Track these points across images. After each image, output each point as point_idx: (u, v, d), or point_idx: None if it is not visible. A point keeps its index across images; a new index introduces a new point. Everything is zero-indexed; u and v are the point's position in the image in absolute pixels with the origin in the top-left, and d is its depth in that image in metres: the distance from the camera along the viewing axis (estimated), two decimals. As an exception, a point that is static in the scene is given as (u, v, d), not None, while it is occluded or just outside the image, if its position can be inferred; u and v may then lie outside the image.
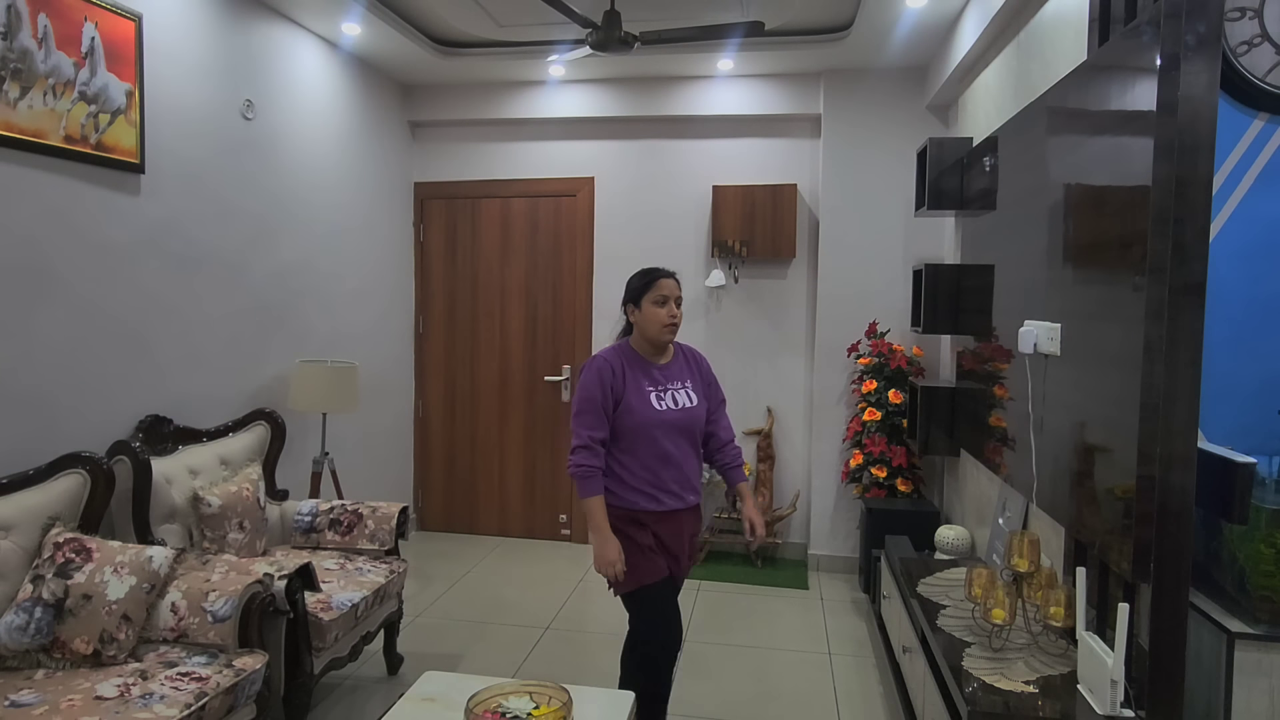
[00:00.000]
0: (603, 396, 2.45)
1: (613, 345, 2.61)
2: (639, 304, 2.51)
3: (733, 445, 2.73)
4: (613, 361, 2.50)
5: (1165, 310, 1.69)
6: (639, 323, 2.52)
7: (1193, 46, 1.66)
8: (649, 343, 2.54)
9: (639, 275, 2.55)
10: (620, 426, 2.47)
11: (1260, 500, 1.84)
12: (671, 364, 2.59)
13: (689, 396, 2.56)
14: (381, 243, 4.90)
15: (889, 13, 3.76)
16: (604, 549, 2.42)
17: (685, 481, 2.55)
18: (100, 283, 2.90)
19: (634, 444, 2.48)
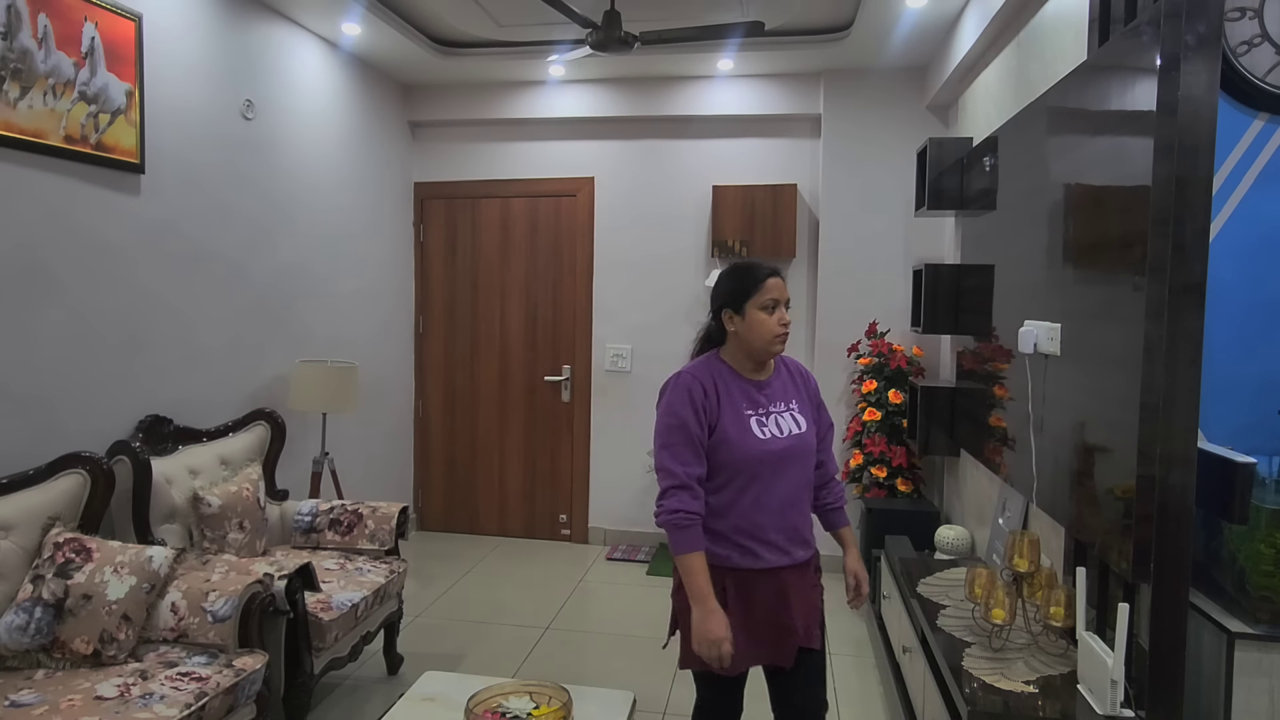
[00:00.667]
0: (696, 422, 1.97)
1: (699, 360, 2.11)
2: (742, 309, 2.01)
3: (837, 483, 2.24)
4: (702, 379, 2.02)
5: (1165, 310, 1.69)
6: (742, 333, 2.03)
7: (1193, 46, 1.66)
8: (751, 357, 2.06)
9: (737, 274, 2.06)
10: (713, 459, 1.99)
11: (1260, 500, 1.84)
12: (774, 381, 2.11)
13: (796, 421, 2.07)
14: (381, 243, 4.90)
15: (889, 13, 3.76)
16: (708, 624, 1.89)
17: (793, 531, 2.04)
18: (100, 283, 2.90)
19: (729, 482, 1.99)
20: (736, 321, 2.03)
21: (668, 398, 2.03)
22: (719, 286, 2.08)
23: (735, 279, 2.05)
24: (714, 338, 2.15)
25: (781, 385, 2.12)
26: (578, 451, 5.19)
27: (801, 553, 2.06)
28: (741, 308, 2.02)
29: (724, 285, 2.07)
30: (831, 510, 2.22)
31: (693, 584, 1.92)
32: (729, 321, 2.05)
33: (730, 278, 2.07)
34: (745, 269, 2.05)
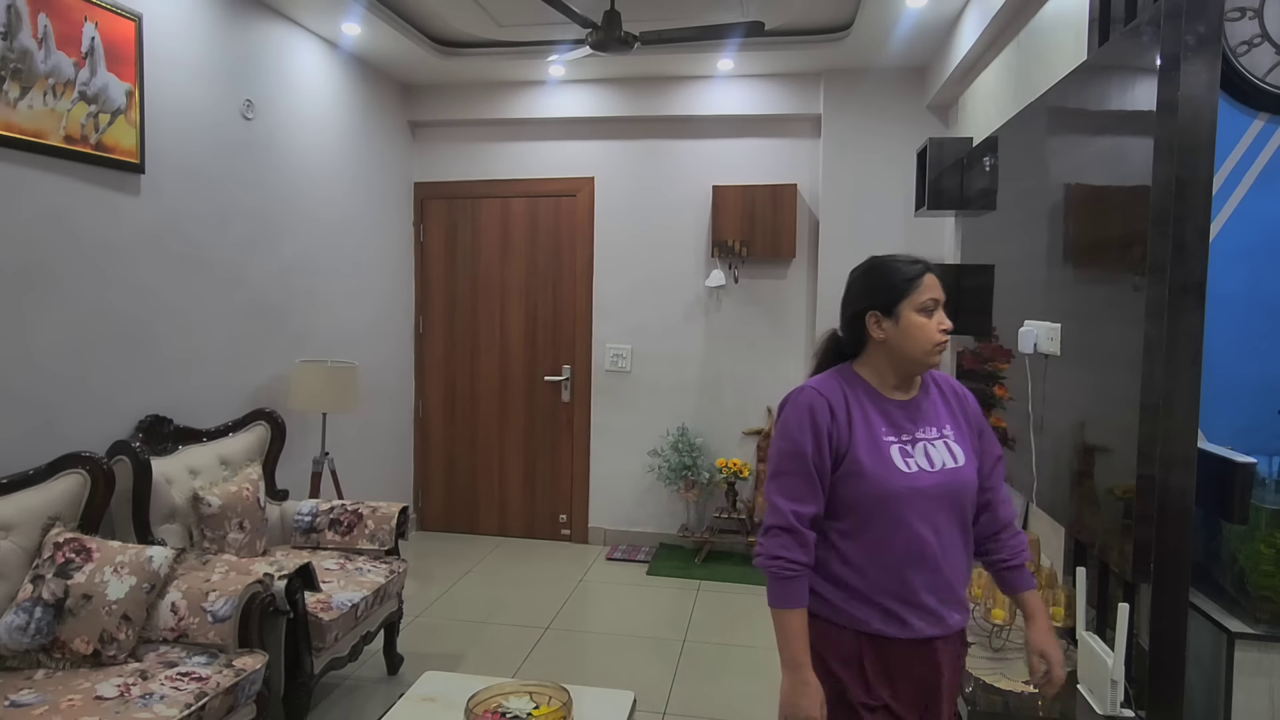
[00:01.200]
0: (815, 448, 1.61)
1: (827, 373, 1.73)
2: (894, 312, 1.63)
3: (1016, 532, 1.78)
4: (829, 395, 1.65)
5: (1165, 310, 1.69)
6: (894, 341, 1.64)
7: (1193, 46, 1.66)
8: (898, 370, 1.68)
9: (886, 270, 1.67)
10: (843, 496, 1.62)
11: (1260, 500, 1.84)
12: (922, 402, 1.71)
13: (951, 451, 1.67)
14: (381, 243, 4.90)
15: (889, 13, 3.76)
16: (798, 697, 1.57)
17: (947, 589, 1.63)
18: (100, 283, 2.90)
19: (865, 526, 1.61)
20: (886, 327, 1.64)
21: (785, 417, 1.66)
22: (858, 286, 1.71)
23: (883, 275, 1.67)
24: (843, 349, 1.76)
25: (932, 407, 1.71)
26: (578, 451, 5.19)
27: (958, 617, 1.65)
28: (894, 310, 1.63)
29: (868, 283, 1.69)
30: (1009, 569, 1.74)
31: (787, 647, 1.58)
32: (875, 327, 1.66)
33: (875, 274, 1.68)
34: (894, 264, 1.67)
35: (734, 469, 4.78)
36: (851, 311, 1.71)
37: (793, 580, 1.58)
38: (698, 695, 3.24)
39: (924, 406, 1.70)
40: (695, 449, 4.84)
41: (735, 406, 4.99)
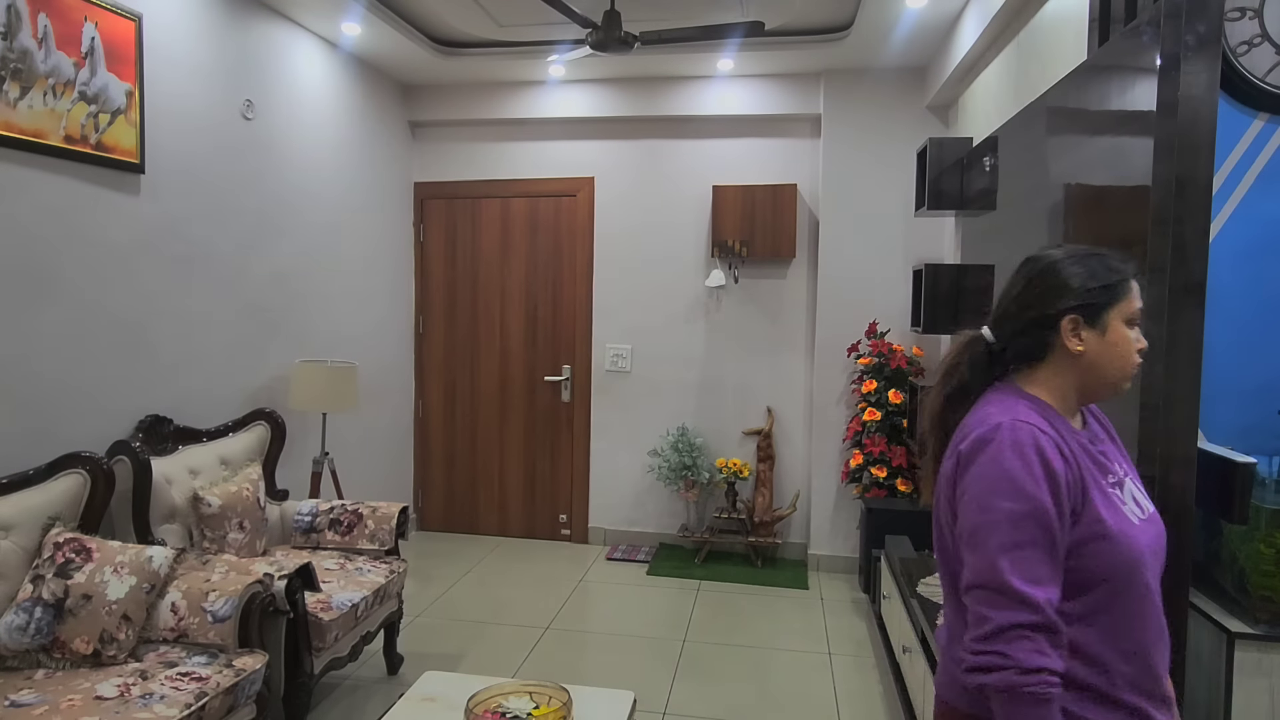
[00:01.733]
0: (1058, 508, 1.21)
1: (1016, 399, 1.33)
2: (1100, 320, 1.30)
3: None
4: (1055, 435, 1.26)
5: (1165, 310, 1.69)
6: (1095, 357, 1.31)
7: (1193, 46, 1.66)
8: (1084, 395, 1.35)
9: (1090, 265, 1.31)
10: (1083, 568, 1.23)
11: (1260, 500, 1.84)
12: (1097, 432, 1.40)
13: (1141, 495, 1.35)
14: (381, 243, 4.90)
15: (889, 13, 3.76)
16: None
17: (1167, 668, 1.30)
18: (100, 283, 2.90)
19: (1110, 602, 1.24)
20: (1089, 338, 1.30)
21: (1003, 464, 1.23)
22: (1054, 281, 1.32)
23: (1088, 274, 1.30)
24: (996, 364, 1.40)
25: (1103, 438, 1.40)
26: (578, 451, 5.19)
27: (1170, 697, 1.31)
28: (1101, 317, 1.29)
29: (1072, 280, 1.30)
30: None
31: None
32: (1073, 336, 1.30)
33: (1078, 271, 1.31)
34: (1106, 261, 1.32)
35: (734, 469, 4.77)
36: (1038, 313, 1.32)
37: (1052, 703, 1.14)
38: (698, 695, 3.24)
39: (1100, 438, 1.38)
40: (695, 449, 4.83)
41: (735, 406, 4.99)
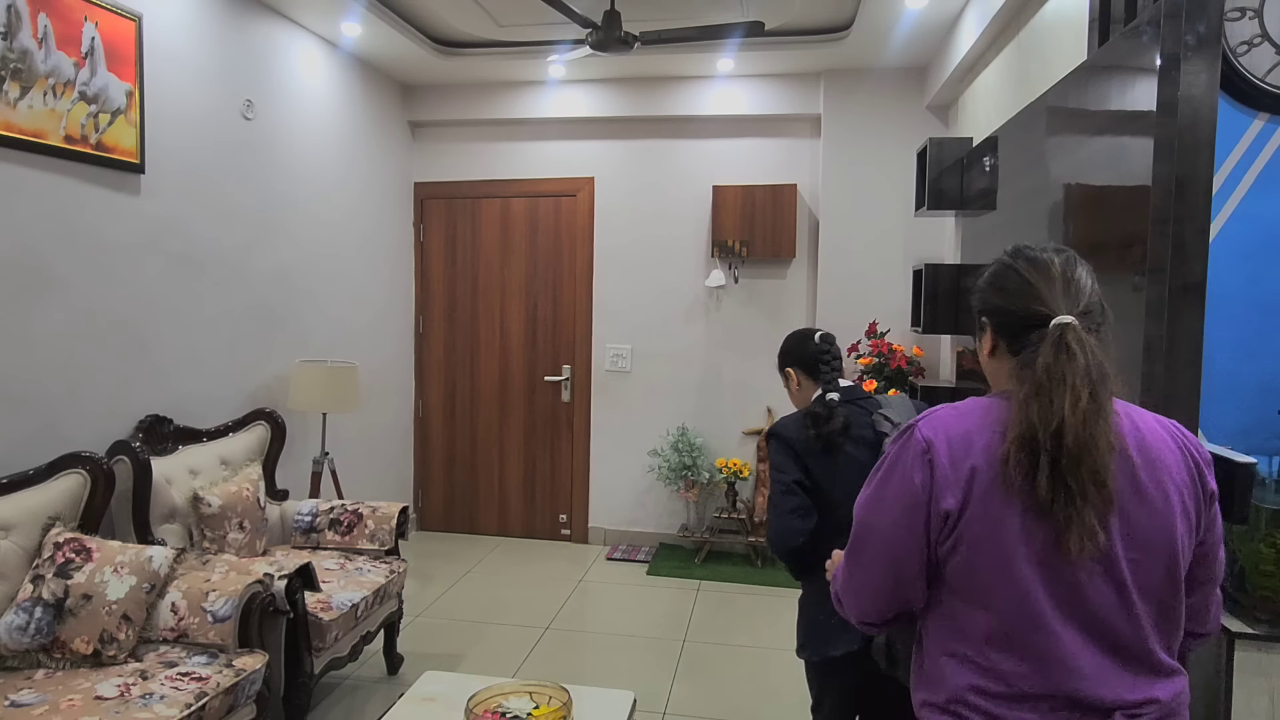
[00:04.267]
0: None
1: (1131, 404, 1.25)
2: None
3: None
4: None
5: (1165, 310, 1.69)
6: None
7: (1193, 46, 1.66)
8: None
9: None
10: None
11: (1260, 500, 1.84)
12: None
13: None
14: (381, 243, 4.90)
15: (889, 13, 3.76)
16: None
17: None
18: (100, 283, 2.90)
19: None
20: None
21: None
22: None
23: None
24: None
25: None
26: (578, 451, 5.19)
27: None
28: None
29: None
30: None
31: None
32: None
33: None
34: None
35: (734, 469, 4.77)
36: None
37: None
38: (698, 695, 3.24)
39: None
40: (695, 449, 4.83)
41: (735, 406, 4.98)
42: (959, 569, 1.17)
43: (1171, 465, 1.19)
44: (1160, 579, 1.16)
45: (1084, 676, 1.14)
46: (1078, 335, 1.17)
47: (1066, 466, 1.11)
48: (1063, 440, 1.11)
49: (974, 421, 1.19)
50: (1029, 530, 1.13)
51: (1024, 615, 1.14)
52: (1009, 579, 1.14)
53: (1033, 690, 1.14)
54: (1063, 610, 1.14)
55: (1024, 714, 1.15)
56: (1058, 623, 1.14)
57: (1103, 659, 1.15)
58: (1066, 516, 1.11)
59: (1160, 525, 1.16)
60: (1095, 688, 1.13)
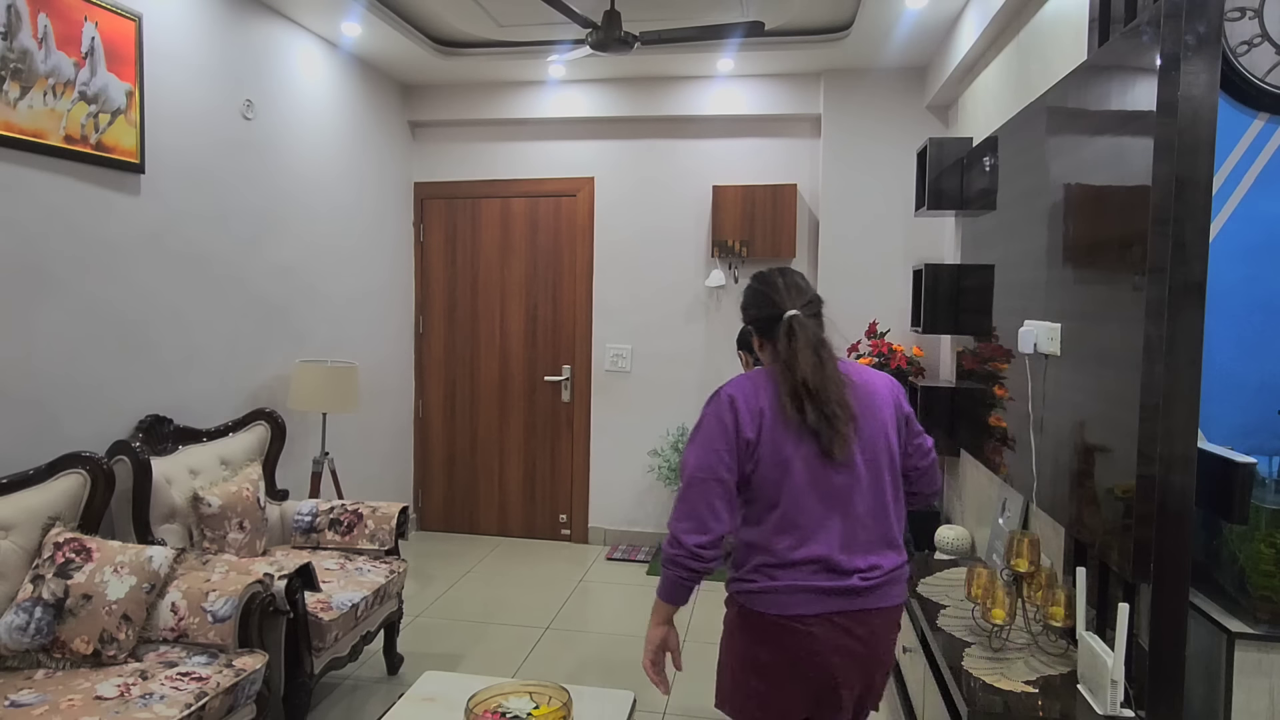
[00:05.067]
0: None
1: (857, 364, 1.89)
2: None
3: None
4: None
5: (1165, 310, 1.69)
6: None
7: (1193, 46, 1.66)
8: None
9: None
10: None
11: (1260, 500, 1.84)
12: None
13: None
14: (381, 243, 4.90)
15: (889, 13, 3.76)
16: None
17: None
18: (100, 283, 2.90)
19: None
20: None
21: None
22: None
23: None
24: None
25: None
26: (578, 451, 5.19)
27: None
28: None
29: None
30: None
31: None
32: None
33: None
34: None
35: (734, 469, 4.77)
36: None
37: None
38: (698, 695, 3.24)
39: None
40: (695, 449, 4.83)
41: (735, 406, 4.98)
42: (759, 481, 1.73)
43: (882, 395, 1.83)
44: (884, 471, 1.77)
45: (834, 547, 1.71)
46: (800, 320, 1.78)
47: (821, 401, 1.70)
48: (809, 386, 1.71)
49: (759, 383, 1.79)
50: (802, 448, 1.71)
51: (800, 507, 1.71)
52: (790, 482, 1.71)
53: (798, 558, 1.70)
54: (824, 502, 1.71)
55: (790, 574, 1.71)
56: (820, 510, 1.71)
57: (849, 532, 1.72)
58: (830, 434, 1.69)
59: (880, 434, 1.78)
60: (843, 553, 1.71)
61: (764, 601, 1.72)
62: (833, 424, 1.69)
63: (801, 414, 1.70)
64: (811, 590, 1.70)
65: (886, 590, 1.76)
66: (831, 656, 1.71)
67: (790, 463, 1.71)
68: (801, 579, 1.70)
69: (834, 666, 1.72)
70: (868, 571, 1.72)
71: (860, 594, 1.71)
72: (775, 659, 1.74)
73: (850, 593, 1.70)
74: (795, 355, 1.75)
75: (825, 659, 1.71)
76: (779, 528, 1.71)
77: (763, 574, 1.73)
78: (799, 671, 1.73)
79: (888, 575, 1.75)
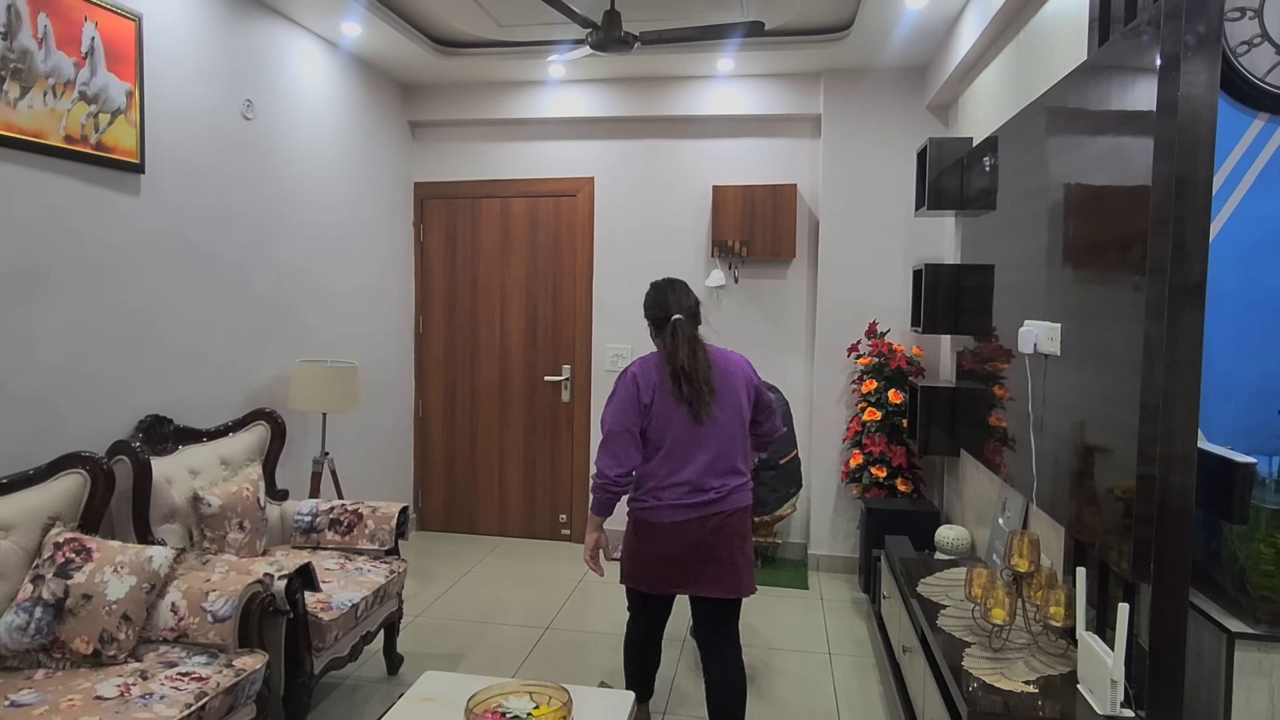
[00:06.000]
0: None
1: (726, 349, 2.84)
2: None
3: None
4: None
5: (1165, 310, 1.69)
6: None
7: (1193, 46, 1.66)
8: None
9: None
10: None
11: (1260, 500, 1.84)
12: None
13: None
14: (381, 243, 4.90)
15: (889, 13, 3.76)
16: None
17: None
18: (100, 283, 2.90)
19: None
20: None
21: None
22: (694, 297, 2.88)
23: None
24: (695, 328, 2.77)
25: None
26: (578, 451, 5.19)
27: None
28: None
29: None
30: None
31: None
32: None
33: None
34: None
35: (734, 469, 4.77)
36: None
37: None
38: (698, 695, 3.24)
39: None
40: (695, 449, 4.83)
41: (735, 406, 4.98)
42: (652, 431, 2.58)
43: (736, 374, 2.65)
44: (735, 425, 2.61)
45: (699, 474, 2.56)
46: (681, 323, 2.62)
47: (692, 381, 2.53)
48: (684, 370, 2.54)
49: (652, 365, 2.63)
50: (679, 411, 2.55)
51: (677, 448, 2.56)
52: (671, 432, 2.56)
53: (676, 481, 2.56)
54: (693, 446, 2.56)
55: (669, 494, 2.56)
56: (690, 451, 2.56)
57: (708, 465, 2.56)
58: (698, 403, 2.53)
59: (733, 400, 2.60)
60: (703, 478, 2.56)
61: (652, 514, 2.61)
62: (700, 396, 2.54)
63: (679, 389, 2.55)
64: (681, 506, 2.57)
65: (731, 498, 2.60)
66: (690, 541, 2.57)
67: (671, 420, 2.57)
68: (675, 499, 2.57)
69: (691, 547, 2.58)
70: (719, 488, 2.59)
71: (714, 503, 2.58)
72: (656, 548, 2.62)
73: (708, 503, 2.57)
74: (676, 348, 2.59)
75: (685, 544, 2.58)
76: (663, 461, 2.58)
77: (652, 496, 2.60)
78: (669, 553, 2.60)
79: (732, 489, 2.61)
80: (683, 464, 2.55)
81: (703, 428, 2.55)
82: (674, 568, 2.59)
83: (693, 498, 2.55)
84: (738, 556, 2.59)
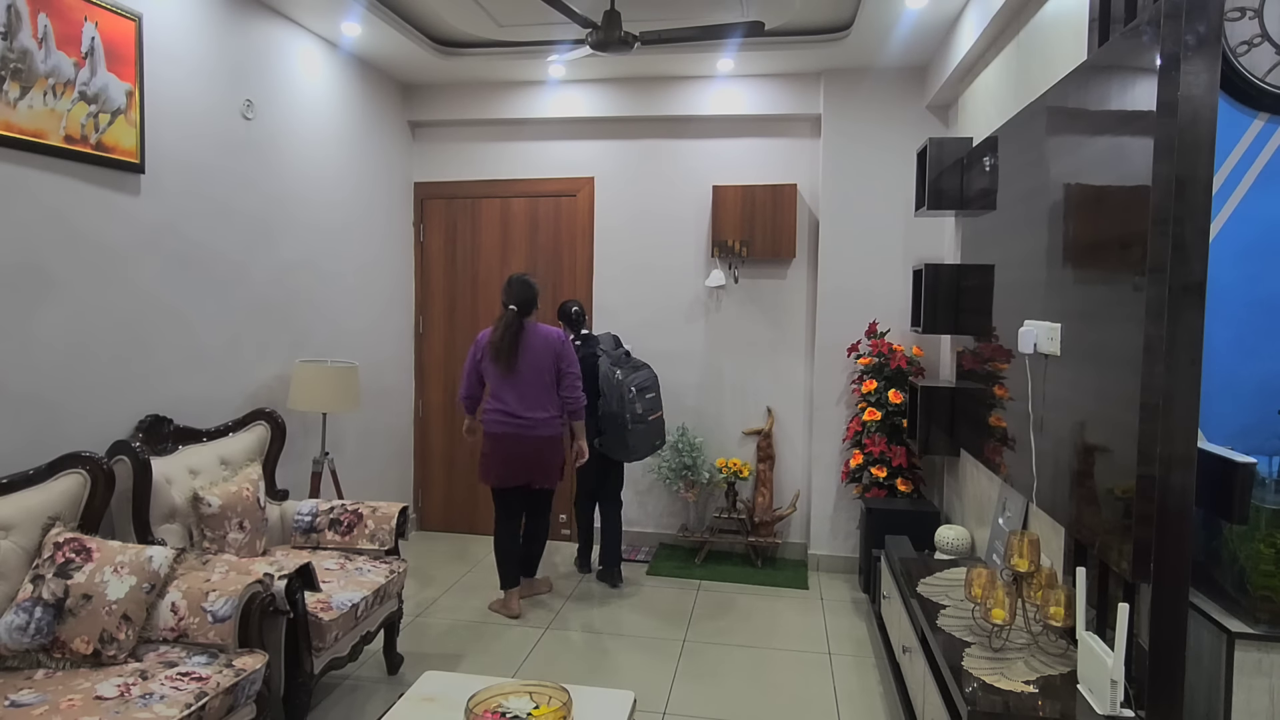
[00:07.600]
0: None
1: (547, 325, 4.04)
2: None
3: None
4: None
5: (1165, 310, 1.69)
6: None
7: (1193, 46, 1.66)
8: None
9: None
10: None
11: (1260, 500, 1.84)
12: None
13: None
14: (381, 243, 4.90)
15: (889, 13, 3.76)
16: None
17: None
18: (100, 283, 2.90)
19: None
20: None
21: (569, 342, 4.09)
22: (534, 291, 4.01)
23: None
24: (526, 313, 3.97)
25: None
26: (578, 451, 5.18)
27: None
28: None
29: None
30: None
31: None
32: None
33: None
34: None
35: (734, 469, 4.78)
36: (534, 299, 3.96)
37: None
38: (698, 695, 3.24)
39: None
40: (695, 449, 4.84)
41: (735, 406, 4.99)
42: (486, 376, 3.97)
43: (543, 348, 3.91)
44: (535, 379, 3.90)
45: (511, 406, 3.89)
46: (510, 312, 3.88)
47: (503, 351, 3.85)
48: (494, 343, 3.88)
49: (488, 336, 3.93)
50: (497, 366, 3.89)
51: (498, 388, 3.92)
52: (493, 379, 3.93)
53: (502, 409, 3.90)
54: (505, 386, 3.90)
55: (495, 416, 3.91)
56: (505, 390, 3.90)
57: (517, 400, 3.88)
58: (508, 364, 3.86)
59: (539, 364, 3.90)
60: (514, 408, 3.89)
61: (487, 426, 3.92)
62: (508, 361, 3.85)
63: (496, 354, 3.86)
64: (500, 422, 3.89)
65: (537, 428, 3.89)
66: (514, 452, 3.89)
67: (490, 370, 3.92)
68: (497, 417, 3.89)
69: (515, 456, 3.89)
70: (528, 418, 3.88)
71: (524, 429, 3.87)
72: (494, 451, 3.92)
73: (520, 427, 3.87)
74: (498, 329, 3.87)
75: (511, 453, 3.89)
76: (491, 395, 3.94)
77: (485, 414, 3.94)
78: (501, 458, 3.91)
79: (539, 421, 3.89)
80: (498, 396, 3.89)
81: (512, 377, 3.85)
82: (506, 467, 3.89)
83: (509, 420, 3.85)
84: (547, 464, 3.93)
